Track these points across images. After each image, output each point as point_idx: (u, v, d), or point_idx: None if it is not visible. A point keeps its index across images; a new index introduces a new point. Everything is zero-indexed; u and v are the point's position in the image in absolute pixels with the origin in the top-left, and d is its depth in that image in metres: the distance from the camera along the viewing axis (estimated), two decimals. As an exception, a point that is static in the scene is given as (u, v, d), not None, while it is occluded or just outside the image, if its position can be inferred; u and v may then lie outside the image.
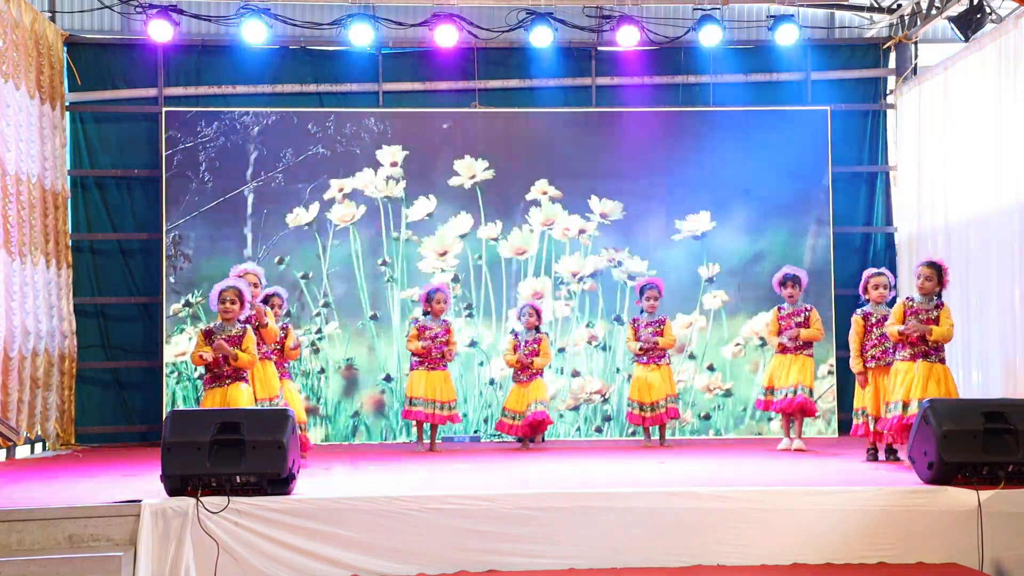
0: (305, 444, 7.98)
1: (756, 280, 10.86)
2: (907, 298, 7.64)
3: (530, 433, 9.46)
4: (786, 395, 8.85)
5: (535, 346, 9.52)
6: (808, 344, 8.98)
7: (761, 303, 10.82)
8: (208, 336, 7.16)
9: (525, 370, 9.49)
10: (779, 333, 9.02)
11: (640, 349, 9.46)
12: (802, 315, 8.99)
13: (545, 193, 10.87)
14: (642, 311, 9.59)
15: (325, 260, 10.70)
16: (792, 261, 10.67)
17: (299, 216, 10.69)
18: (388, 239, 10.76)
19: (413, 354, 9.33)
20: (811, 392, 8.89)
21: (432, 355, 9.23)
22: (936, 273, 7.50)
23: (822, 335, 9.14)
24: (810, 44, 11.34)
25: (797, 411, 8.91)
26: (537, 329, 9.59)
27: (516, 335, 9.62)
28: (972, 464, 6.09)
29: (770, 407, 9.07)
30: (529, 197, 10.86)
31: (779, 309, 9.11)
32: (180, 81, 11.03)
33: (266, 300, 8.27)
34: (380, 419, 10.66)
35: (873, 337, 7.96)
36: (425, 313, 9.38)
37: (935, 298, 7.53)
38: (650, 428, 9.56)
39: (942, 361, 7.47)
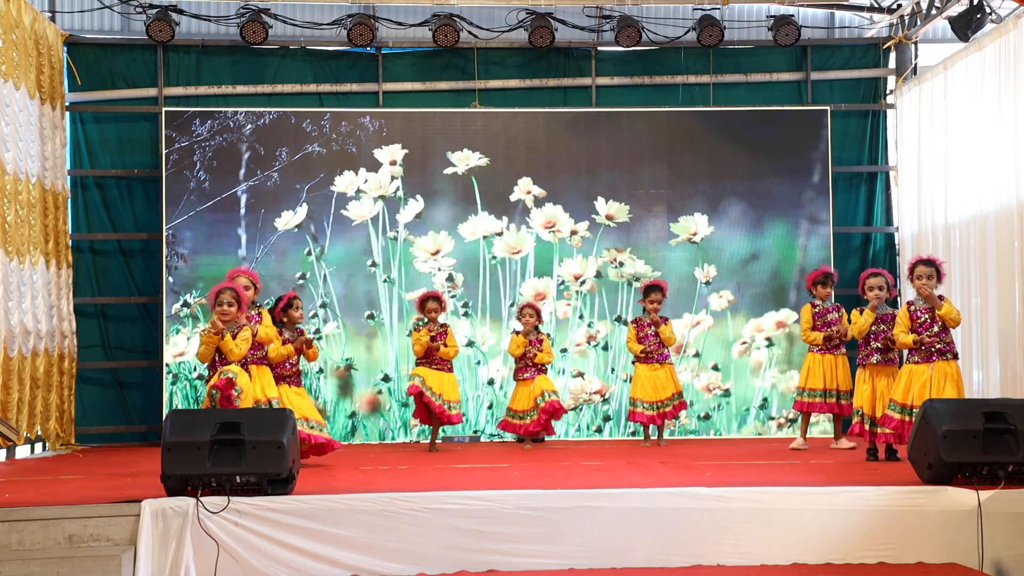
0: (331, 444, 8.08)
1: (755, 280, 10.88)
2: (908, 303, 7.65)
3: (543, 426, 9.47)
4: (832, 399, 8.88)
5: (538, 346, 9.53)
6: (842, 344, 8.93)
7: (761, 302, 10.85)
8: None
9: (527, 368, 9.50)
10: (814, 330, 8.96)
11: (642, 352, 9.46)
12: (835, 312, 8.94)
13: (529, 193, 10.86)
14: (644, 311, 9.57)
15: (322, 261, 10.69)
16: (790, 261, 10.69)
17: (288, 220, 10.69)
18: (385, 239, 10.77)
19: (418, 355, 9.30)
20: (849, 394, 8.80)
21: (435, 355, 9.23)
22: (935, 270, 7.52)
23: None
24: (810, 44, 11.35)
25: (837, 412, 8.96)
26: (537, 329, 9.60)
27: (518, 335, 9.62)
28: (972, 464, 6.08)
29: (815, 408, 9.00)
30: (529, 197, 10.86)
31: (812, 306, 9.01)
32: (180, 81, 11.03)
33: (289, 304, 8.24)
34: (377, 419, 10.66)
35: (869, 335, 7.96)
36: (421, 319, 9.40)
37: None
38: (650, 428, 9.58)
39: (955, 357, 7.48)
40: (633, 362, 9.64)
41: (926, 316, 7.49)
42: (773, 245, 10.94)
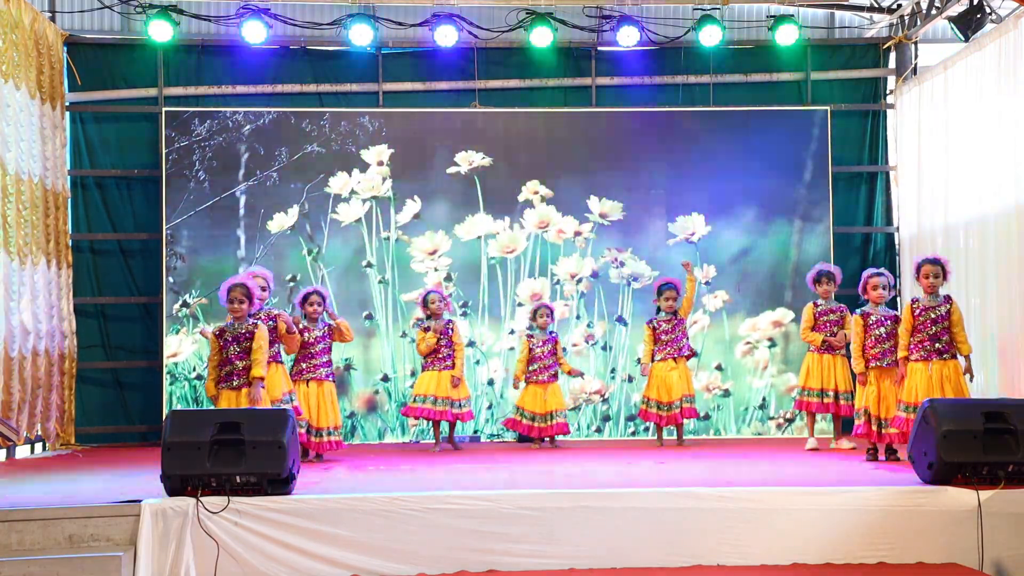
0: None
1: (753, 279, 10.89)
2: (912, 300, 7.66)
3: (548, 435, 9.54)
4: (829, 399, 8.94)
5: (552, 346, 9.53)
6: (844, 345, 8.95)
7: (758, 302, 10.85)
8: (220, 334, 7.23)
9: (544, 371, 9.49)
10: (814, 330, 9.01)
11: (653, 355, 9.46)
12: (838, 313, 8.98)
13: (536, 193, 10.85)
14: (659, 310, 9.55)
15: (319, 261, 10.69)
16: (788, 261, 10.70)
17: (281, 222, 10.68)
18: (379, 239, 10.75)
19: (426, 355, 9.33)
20: (849, 394, 8.87)
21: (440, 353, 9.23)
22: (942, 269, 7.57)
23: None
24: (810, 44, 11.34)
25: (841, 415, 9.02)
26: (549, 331, 9.59)
27: (531, 336, 9.59)
28: (972, 464, 6.09)
29: (813, 407, 9.05)
30: (528, 197, 10.86)
31: (815, 306, 9.07)
32: (180, 81, 11.02)
33: (306, 299, 8.45)
34: (375, 418, 10.66)
35: (873, 337, 7.94)
36: (427, 317, 9.36)
37: (940, 296, 7.60)
38: (664, 428, 9.59)
39: (953, 356, 7.52)
40: (637, 361, 9.63)
41: (927, 315, 7.52)
42: (772, 245, 10.94)
